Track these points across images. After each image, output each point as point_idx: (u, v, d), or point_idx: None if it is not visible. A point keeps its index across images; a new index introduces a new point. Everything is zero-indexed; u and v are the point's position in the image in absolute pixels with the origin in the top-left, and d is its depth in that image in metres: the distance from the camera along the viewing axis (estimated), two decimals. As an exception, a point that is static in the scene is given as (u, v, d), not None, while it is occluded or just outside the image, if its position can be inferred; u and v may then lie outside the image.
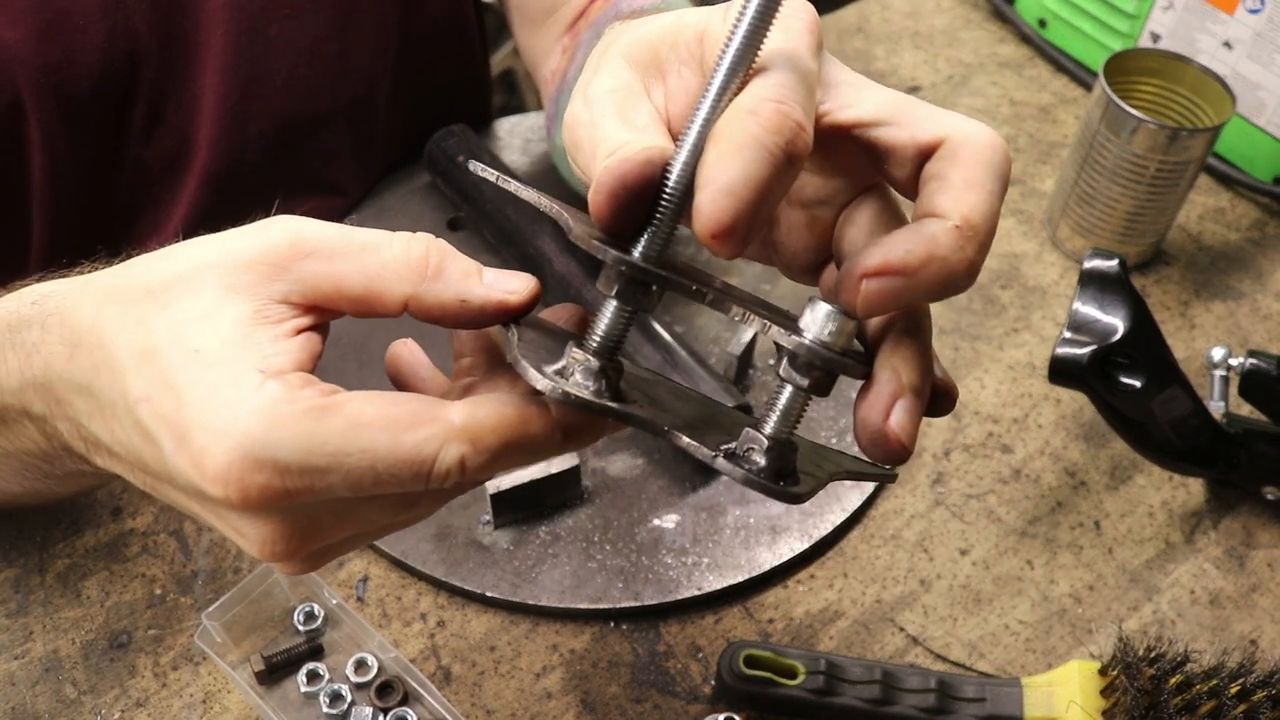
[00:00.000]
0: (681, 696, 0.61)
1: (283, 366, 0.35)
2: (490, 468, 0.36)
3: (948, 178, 0.36)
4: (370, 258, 0.37)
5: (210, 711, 0.59)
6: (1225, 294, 0.83)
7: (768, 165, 0.33)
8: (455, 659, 0.62)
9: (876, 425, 0.37)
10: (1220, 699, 0.54)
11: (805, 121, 0.34)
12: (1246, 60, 0.85)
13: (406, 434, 0.35)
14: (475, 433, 0.35)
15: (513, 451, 0.36)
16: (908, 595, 0.66)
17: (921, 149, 0.37)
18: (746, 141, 0.33)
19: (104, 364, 0.37)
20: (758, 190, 0.33)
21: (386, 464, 0.34)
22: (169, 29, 0.68)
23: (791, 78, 0.35)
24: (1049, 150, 0.93)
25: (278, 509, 0.35)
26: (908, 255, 0.34)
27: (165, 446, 0.35)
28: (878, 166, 0.39)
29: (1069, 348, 0.60)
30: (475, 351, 0.41)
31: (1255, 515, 0.70)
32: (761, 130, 0.33)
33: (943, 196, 0.36)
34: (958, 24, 1.05)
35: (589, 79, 0.39)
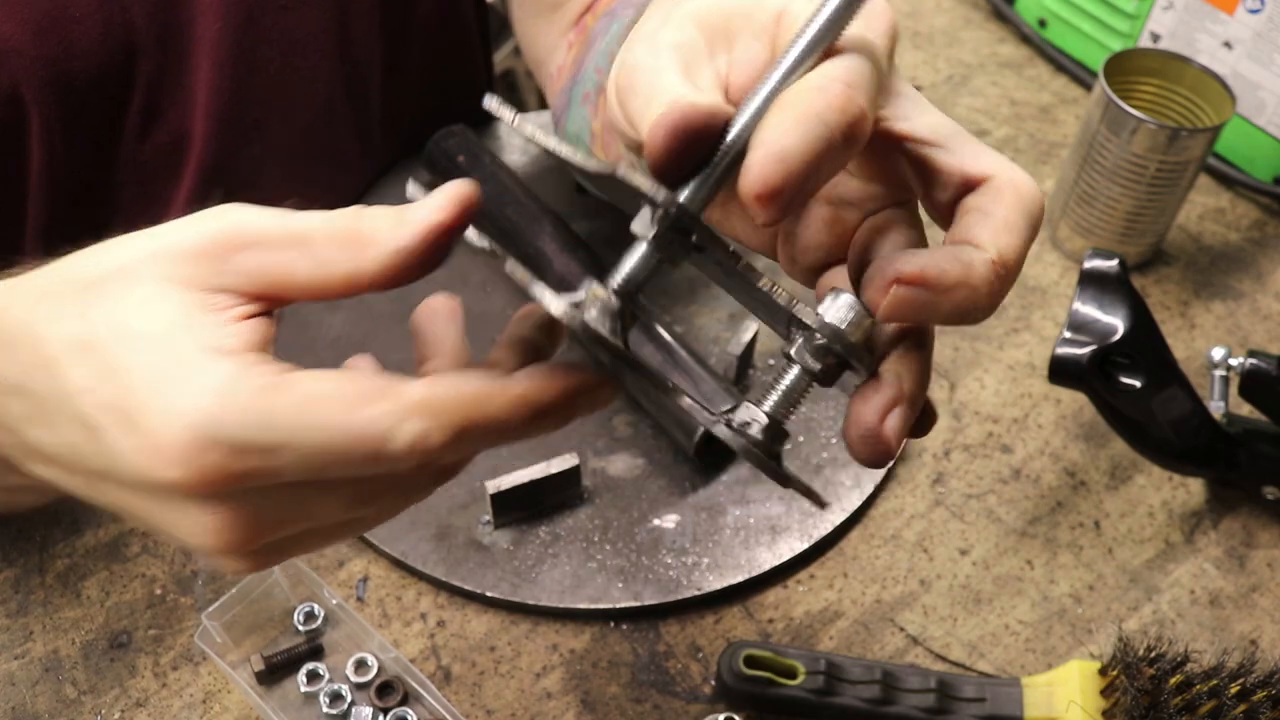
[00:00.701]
0: (681, 696, 0.61)
1: (233, 347, 0.34)
2: (452, 448, 0.34)
3: (991, 214, 0.37)
4: (309, 244, 0.36)
5: (210, 711, 0.59)
6: (1225, 294, 0.83)
7: (824, 141, 0.33)
8: (455, 659, 0.62)
9: (872, 424, 0.37)
10: (1220, 699, 0.54)
11: (869, 110, 0.34)
12: (1246, 60, 0.85)
13: (361, 409, 0.33)
14: (433, 408, 0.33)
15: (476, 430, 0.34)
16: (908, 595, 0.66)
17: (967, 180, 0.38)
18: (809, 114, 0.33)
19: (39, 362, 0.35)
20: (810, 162, 0.33)
21: (340, 441, 0.33)
22: (165, 21, 0.68)
23: (864, 67, 0.35)
24: (1049, 150, 0.93)
25: (231, 493, 0.34)
26: (943, 274, 0.35)
27: (110, 436, 0.34)
28: (920, 185, 0.39)
29: (1069, 348, 0.60)
30: (506, 345, 0.40)
31: (1255, 515, 0.70)
32: (826, 107, 0.33)
33: (983, 230, 0.36)
34: (958, 24, 1.05)
35: (655, 29, 0.38)
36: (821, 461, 0.69)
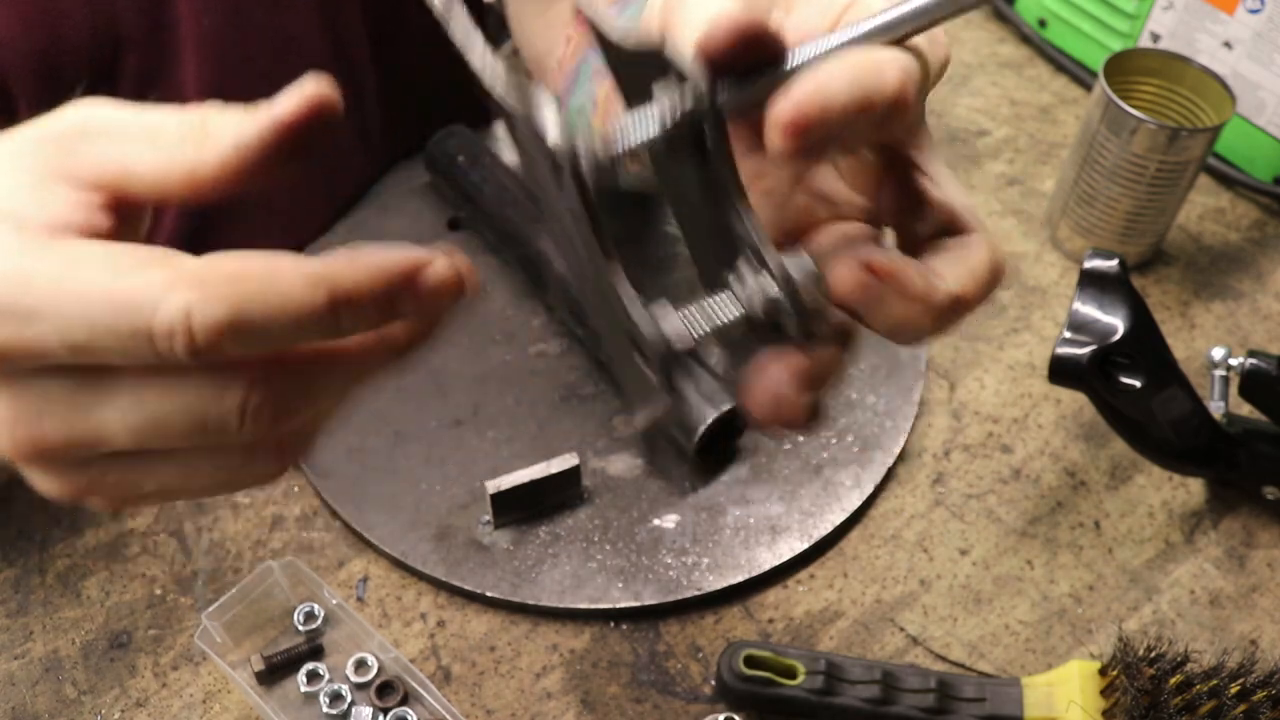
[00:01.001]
0: (681, 696, 0.61)
1: (35, 222, 0.31)
2: (231, 335, 0.29)
3: (963, 260, 0.38)
4: (157, 137, 0.33)
5: (210, 711, 0.59)
6: (1225, 294, 0.83)
7: (868, 101, 0.33)
8: (455, 659, 0.62)
9: (785, 390, 0.35)
10: (1220, 699, 0.54)
11: (914, 100, 0.35)
12: (1247, 60, 0.85)
13: (128, 275, 0.29)
14: (208, 279, 0.29)
15: (259, 314, 0.29)
16: (908, 595, 0.66)
17: (953, 222, 0.39)
18: (864, 71, 0.33)
19: None
20: (849, 112, 0.33)
21: (99, 308, 0.29)
22: (154, 15, 0.68)
23: (919, 69, 0.36)
24: (1049, 150, 0.93)
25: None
26: (910, 280, 0.35)
27: None
28: (905, 211, 0.40)
29: (1069, 348, 0.60)
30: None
31: (1255, 515, 0.70)
32: (880, 74, 0.34)
33: (953, 268, 0.37)
34: (957, 24, 1.05)
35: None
36: (821, 462, 0.69)
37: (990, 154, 0.93)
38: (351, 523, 0.65)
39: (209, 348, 0.29)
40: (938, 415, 0.74)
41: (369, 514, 0.65)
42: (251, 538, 0.66)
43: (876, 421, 0.72)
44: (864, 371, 0.74)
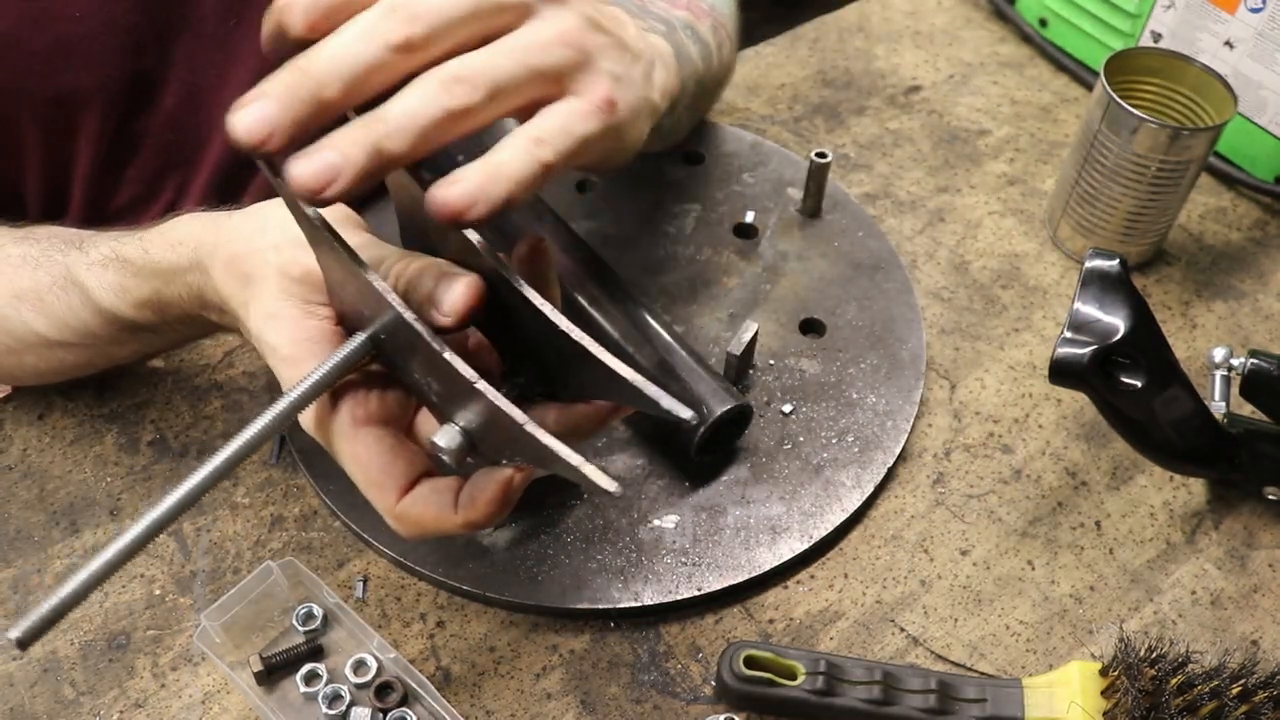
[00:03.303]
0: (681, 697, 0.61)
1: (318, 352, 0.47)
2: (416, 536, 0.48)
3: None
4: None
5: (209, 712, 0.59)
6: (1226, 294, 0.83)
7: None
8: (455, 659, 0.62)
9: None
10: (1222, 700, 0.54)
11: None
12: (1248, 60, 0.85)
13: (372, 492, 0.48)
14: (403, 519, 0.48)
15: (432, 532, 0.48)
16: (908, 595, 0.65)
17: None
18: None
19: (235, 322, 0.53)
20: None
21: (363, 487, 0.48)
22: (167, 16, 0.68)
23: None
24: (1049, 150, 0.93)
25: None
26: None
27: (257, 343, 0.51)
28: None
29: (1069, 348, 0.60)
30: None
31: (1257, 515, 0.70)
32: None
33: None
34: (958, 23, 1.05)
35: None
36: (822, 462, 0.69)
37: (991, 153, 0.93)
38: (351, 523, 0.65)
39: (408, 539, 0.51)
40: (938, 415, 0.74)
41: (369, 514, 0.65)
42: (251, 538, 0.66)
43: (876, 421, 0.71)
44: (864, 371, 0.74)
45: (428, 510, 0.47)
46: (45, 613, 0.39)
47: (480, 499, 0.46)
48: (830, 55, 1.02)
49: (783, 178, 0.86)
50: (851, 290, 0.79)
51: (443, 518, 0.47)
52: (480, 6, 0.40)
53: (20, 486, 0.68)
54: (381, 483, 0.47)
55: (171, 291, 0.56)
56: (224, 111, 0.75)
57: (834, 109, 0.96)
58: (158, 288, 0.56)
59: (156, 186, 0.74)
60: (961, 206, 0.88)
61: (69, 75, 0.66)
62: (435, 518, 0.47)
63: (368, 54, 0.38)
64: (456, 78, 0.39)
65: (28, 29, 0.64)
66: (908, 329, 0.77)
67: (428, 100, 0.39)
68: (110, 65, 0.67)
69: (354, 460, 0.47)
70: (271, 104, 0.36)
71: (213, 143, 0.73)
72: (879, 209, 0.88)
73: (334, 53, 0.37)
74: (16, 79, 0.65)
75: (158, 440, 0.70)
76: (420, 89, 0.39)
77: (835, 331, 0.76)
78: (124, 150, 0.71)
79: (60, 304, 0.60)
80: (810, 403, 0.72)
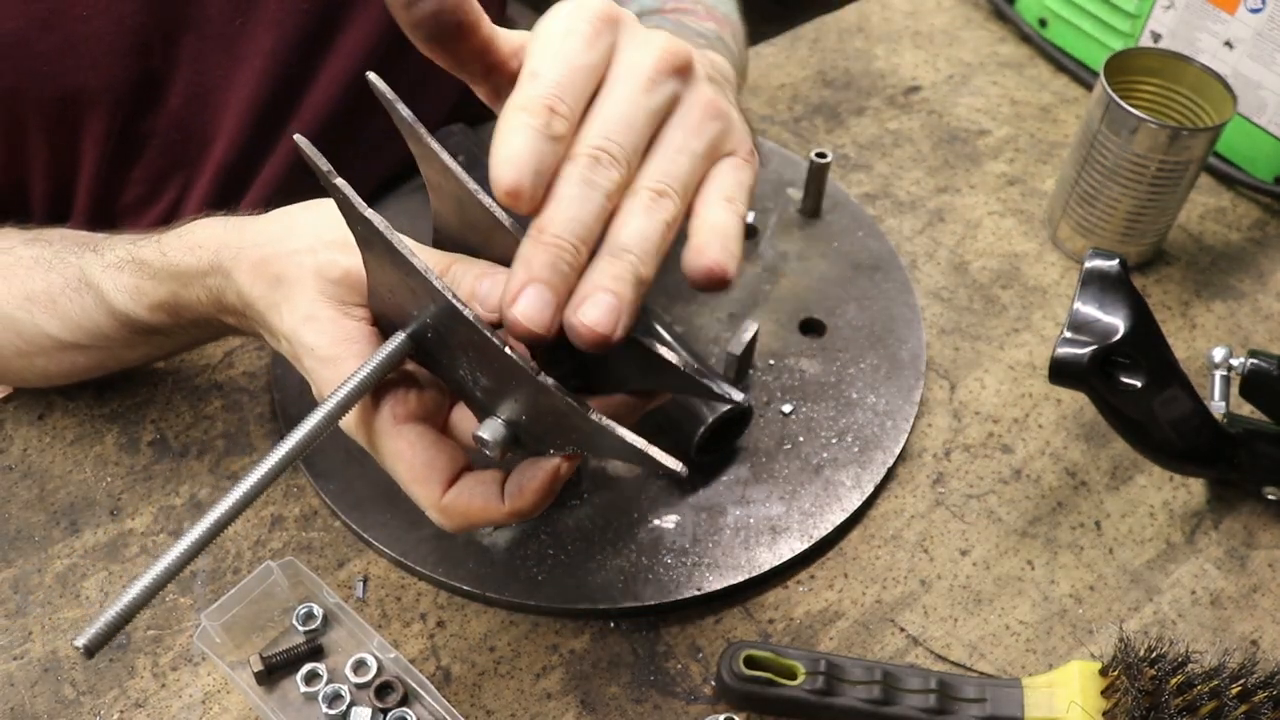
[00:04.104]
0: (681, 696, 0.61)
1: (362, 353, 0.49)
2: (455, 530, 0.50)
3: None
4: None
5: (210, 712, 0.59)
6: (1226, 294, 0.83)
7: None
8: (455, 659, 0.62)
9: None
10: (1221, 700, 0.54)
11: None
12: (1248, 60, 0.85)
13: (413, 487, 0.49)
14: (449, 510, 0.48)
15: (472, 526, 0.49)
16: (908, 595, 0.65)
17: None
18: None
19: (262, 324, 0.54)
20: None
21: (404, 482, 0.49)
22: (173, 16, 0.68)
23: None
24: (1049, 150, 0.93)
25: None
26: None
27: (282, 345, 0.53)
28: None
29: (1069, 348, 0.60)
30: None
31: (1256, 515, 0.70)
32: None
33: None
34: (958, 23, 1.05)
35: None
36: (821, 462, 0.69)
37: (991, 154, 0.93)
38: (351, 523, 0.65)
39: (452, 531, 0.53)
40: (938, 415, 0.74)
41: (369, 514, 0.65)
42: (251, 538, 0.66)
43: (876, 421, 0.71)
44: (864, 371, 0.74)
45: (474, 502, 0.48)
46: (110, 619, 0.39)
47: (529, 488, 0.47)
48: (830, 55, 1.02)
49: (782, 178, 0.86)
50: (851, 290, 0.79)
51: (489, 508, 0.48)
52: (652, 115, 0.45)
53: (20, 486, 0.68)
54: (426, 477, 0.48)
55: (189, 294, 0.56)
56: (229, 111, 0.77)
57: (834, 109, 0.96)
58: (175, 290, 0.56)
59: (160, 186, 0.74)
60: (961, 206, 0.88)
61: (75, 75, 0.66)
62: (482, 509, 0.48)
63: (594, 209, 0.42)
64: (660, 193, 0.44)
65: (35, 30, 0.64)
66: (908, 329, 0.77)
67: (652, 221, 0.43)
68: (116, 65, 0.67)
69: (398, 457, 0.48)
70: (547, 291, 0.41)
71: (217, 142, 0.73)
72: (879, 209, 0.88)
73: (568, 225, 0.42)
74: (23, 80, 0.65)
75: (158, 440, 0.70)
76: (639, 214, 0.43)
77: (835, 331, 0.76)
78: (129, 150, 0.71)
79: (73, 306, 0.60)
80: (810, 403, 0.72)
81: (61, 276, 0.60)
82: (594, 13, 0.45)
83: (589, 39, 0.44)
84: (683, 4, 0.73)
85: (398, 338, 0.46)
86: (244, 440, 0.70)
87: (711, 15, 0.73)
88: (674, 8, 0.73)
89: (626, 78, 0.45)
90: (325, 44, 0.73)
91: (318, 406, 0.45)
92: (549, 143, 0.42)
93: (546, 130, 0.42)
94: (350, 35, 0.74)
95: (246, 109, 0.72)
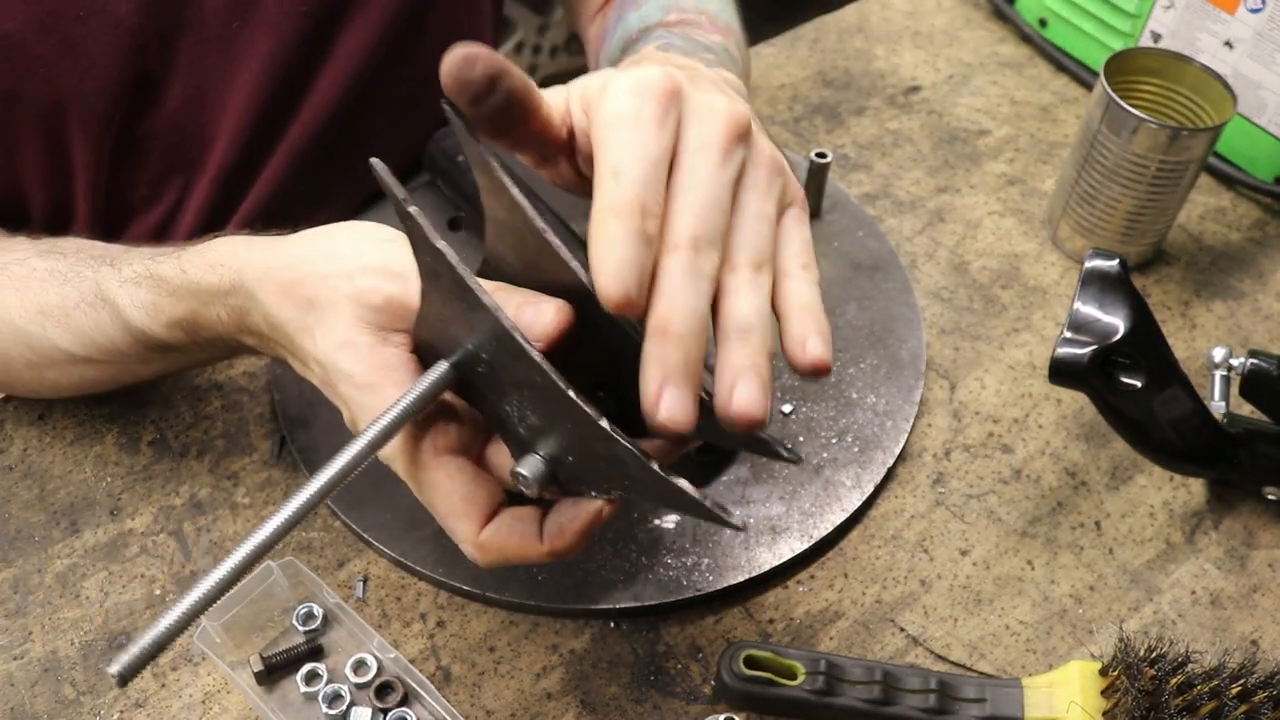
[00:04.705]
0: (681, 696, 0.61)
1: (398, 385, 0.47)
2: (489, 567, 0.49)
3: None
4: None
5: (209, 712, 0.59)
6: (1226, 294, 0.83)
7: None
8: (455, 659, 0.62)
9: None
10: (1221, 700, 0.54)
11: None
12: (1248, 60, 0.85)
13: (450, 521, 0.48)
14: (486, 546, 0.47)
15: (508, 562, 0.48)
16: (908, 595, 0.65)
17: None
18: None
19: (289, 347, 0.53)
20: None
21: (439, 522, 0.49)
22: (169, 18, 0.68)
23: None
24: (1049, 150, 0.93)
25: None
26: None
27: (312, 372, 0.52)
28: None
29: (1069, 348, 0.60)
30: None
31: (1256, 515, 0.70)
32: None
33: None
34: (958, 23, 1.05)
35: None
36: (821, 462, 0.69)
37: (990, 154, 0.93)
38: (351, 523, 0.65)
39: (485, 567, 0.49)
40: (938, 415, 0.74)
41: (369, 514, 0.65)
42: (251, 538, 0.66)
43: (876, 421, 0.71)
44: (864, 371, 0.74)
45: (511, 539, 0.47)
46: (145, 646, 0.39)
47: (569, 529, 0.47)
48: (830, 55, 1.02)
49: (783, 178, 0.86)
50: (851, 290, 0.79)
51: (527, 546, 0.47)
52: (730, 187, 0.46)
53: (20, 486, 0.68)
54: (465, 511, 0.47)
55: (209, 313, 0.55)
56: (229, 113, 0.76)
57: (834, 109, 0.96)
58: (194, 308, 0.56)
59: (161, 188, 0.74)
60: (961, 206, 0.88)
61: (72, 77, 0.66)
62: (519, 546, 0.47)
63: (704, 296, 0.43)
64: (757, 266, 0.46)
65: (33, 32, 0.64)
66: (908, 329, 0.77)
67: (759, 295, 0.45)
68: (113, 67, 0.67)
69: (437, 489, 0.47)
70: (685, 390, 0.42)
71: (217, 144, 0.73)
72: (879, 209, 0.88)
73: (688, 320, 0.43)
74: (20, 82, 0.65)
75: (158, 440, 0.70)
76: (747, 291, 0.45)
77: (835, 331, 0.76)
78: (128, 152, 0.71)
79: (88, 321, 0.59)
80: (810, 403, 0.72)
81: (77, 290, 0.60)
82: (658, 91, 0.45)
83: (659, 121, 0.45)
84: (686, 14, 0.73)
85: (441, 366, 0.45)
86: (244, 440, 0.70)
87: (715, 26, 0.73)
88: (678, 19, 0.73)
89: (702, 156, 0.45)
90: (325, 46, 0.73)
91: (360, 433, 0.44)
92: (646, 245, 0.43)
93: (642, 234, 0.43)
94: (350, 36, 0.74)
95: (246, 111, 0.72)
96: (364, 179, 0.82)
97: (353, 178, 0.81)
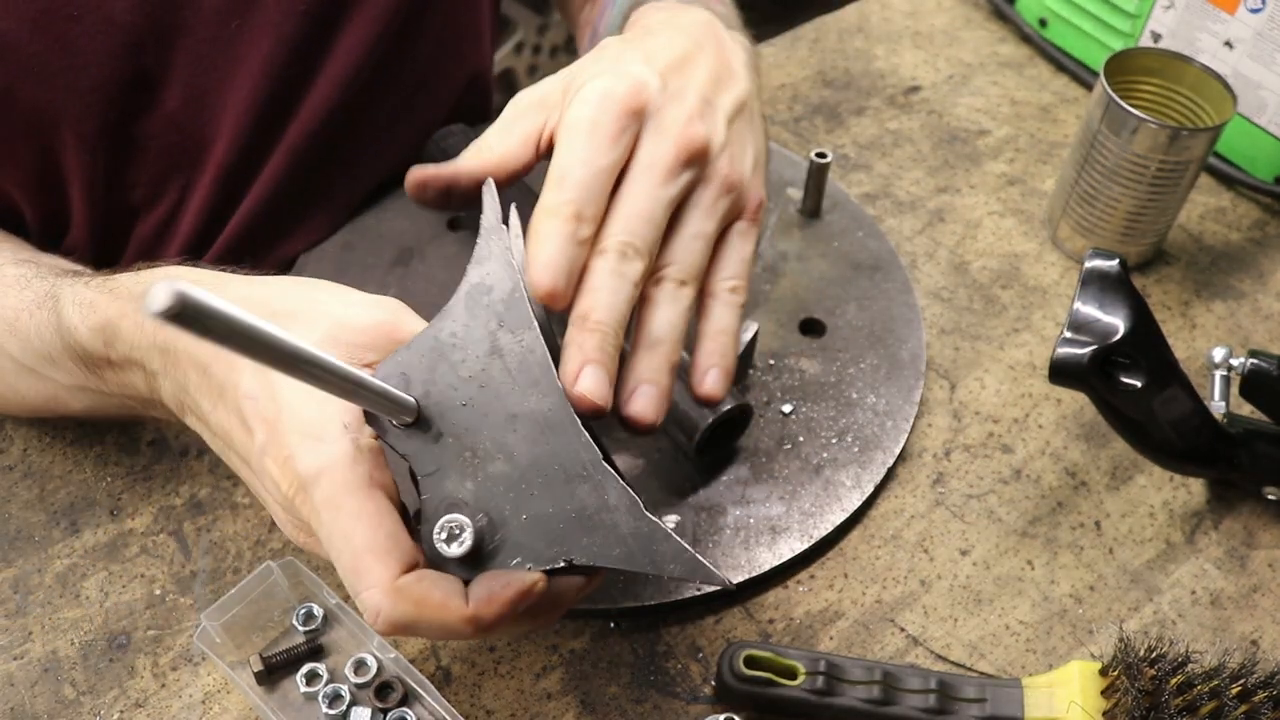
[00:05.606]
0: (681, 697, 0.61)
1: (356, 423, 0.45)
2: (400, 631, 0.44)
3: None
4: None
5: (210, 712, 0.59)
6: (1226, 294, 0.83)
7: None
8: (455, 659, 0.62)
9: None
10: (1221, 700, 0.54)
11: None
12: (1248, 60, 0.85)
13: (359, 566, 0.44)
14: (403, 593, 0.43)
15: (422, 626, 0.44)
16: (908, 595, 0.65)
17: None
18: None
19: (224, 356, 0.47)
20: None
21: (344, 563, 0.45)
22: (165, 17, 0.68)
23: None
24: (1049, 150, 0.93)
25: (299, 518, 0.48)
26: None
27: (257, 438, 0.46)
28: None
29: (1069, 348, 0.60)
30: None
31: (1256, 515, 0.70)
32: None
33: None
34: (958, 23, 1.05)
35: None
36: (822, 462, 0.69)
37: (990, 154, 0.93)
38: (351, 523, 0.65)
39: (386, 634, 0.45)
40: (938, 415, 0.74)
41: (368, 514, 0.65)
42: (251, 538, 0.66)
43: (876, 421, 0.71)
44: (864, 371, 0.74)
45: (433, 593, 0.43)
46: (214, 303, 0.30)
47: (499, 596, 0.43)
48: (830, 55, 1.02)
49: (782, 178, 0.86)
50: (851, 290, 0.79)
51: (449, 604, 0.43)
52: (670, 204, 0.49)
53: (20, 486, 0.68)
54: (388, 549, 0.44)
55: (127, 324, 0.53)
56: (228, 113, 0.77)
57: (834, 109, 0.96)
58: (123, 310, 0.53)
59: (161, 189, 0.74)
60: (961, 206, 0.88)
61: (66, 76, 0.66)
62: (440, 603, 0.43)
63: (626, 297, 0.47)
64: (681, 282, 0.49)
65: (27, 31, 0.64)
66: (907, 329, 0.77)
67: (677, 309, 0.49)
68: (107, 66, 0.67)
69: (361, 520, 0.44)
70: (601, 369, 0.46)
71: (217, 144, 0.73)
72: (879, 209, 0.88)
73: (606, 312, 0.46)
74: (14, 81, 0.65)
75: (158, 440, 0.70)
76: (665, 304, 0.49)
77: (835, 331, 0.76)
78: (126, 152, 0.71)
79: (32, 323, 0.58)
80: (810, 403, 0.72)
81: (34, 294, 0.59)
82: (620, 107, 0.49)
83: (612, 136, 0.48)
84: None
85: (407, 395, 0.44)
86: (244, 440, 0.70)
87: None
88: None
89: (647, 174, 0.49)
90: (324, 46, 0.73)
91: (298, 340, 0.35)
92: (577, 246, 0.47)
93: (574, 236, 0.47)
94: (349, 36, 0.74)
95: (246, 111, 0.72)
96: (362, 178, 0.82)
97: (352, 176, 0.81)
